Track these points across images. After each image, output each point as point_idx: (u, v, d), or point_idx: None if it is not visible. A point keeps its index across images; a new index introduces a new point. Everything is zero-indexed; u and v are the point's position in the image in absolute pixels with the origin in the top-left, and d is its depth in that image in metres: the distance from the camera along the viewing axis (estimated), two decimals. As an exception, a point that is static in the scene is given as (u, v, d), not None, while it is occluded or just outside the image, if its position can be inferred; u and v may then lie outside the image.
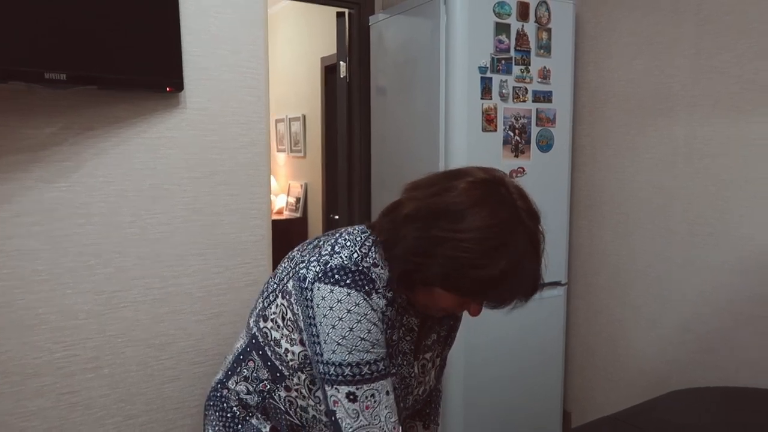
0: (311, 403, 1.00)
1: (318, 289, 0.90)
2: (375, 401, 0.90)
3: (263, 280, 1.71)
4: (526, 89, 2.35)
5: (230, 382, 1.08)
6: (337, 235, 1.01)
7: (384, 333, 0.94)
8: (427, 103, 2.34)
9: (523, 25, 2.31)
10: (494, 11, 2.24)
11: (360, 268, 0.92)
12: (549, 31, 2.37)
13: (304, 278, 0.92)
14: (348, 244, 0.96)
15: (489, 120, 2.28)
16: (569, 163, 2.51)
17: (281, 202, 4.83)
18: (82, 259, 1.47)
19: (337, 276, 0.90)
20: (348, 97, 2.87)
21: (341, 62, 2.84)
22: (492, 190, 0.90)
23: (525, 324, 2.43)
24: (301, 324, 0.94)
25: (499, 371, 2.41)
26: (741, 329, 2.01)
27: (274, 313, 0.99)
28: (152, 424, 1.58)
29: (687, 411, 1.59)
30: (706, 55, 2.05)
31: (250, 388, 1.04)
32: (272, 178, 4.97)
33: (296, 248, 1.09)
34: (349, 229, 1.02)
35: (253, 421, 1.05)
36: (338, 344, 0.89)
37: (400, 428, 0.95)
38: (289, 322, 0.97)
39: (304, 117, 4.45)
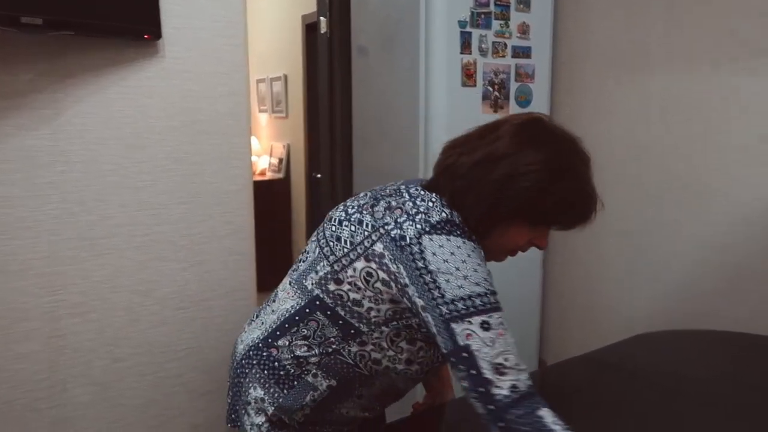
0: (389, 354, 1.07)
1: (430, 241, 0.95)
2: (504, 329, 0.94)
3: (245, 229, 1.75)
4: (505, 44, 2.37)
5: (280, 341, 1.10)
6: (404, 190, 1.06)
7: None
8: (407, 59, 2.35)
9: (502, -21, 2.31)
10: (474, -36, 2.24)
11: (459, 222, 0.99)
12: (529, -15, 2.38)
13: (403, 237, 0.97)
14: (430, 203, 1.01)
15: (468, 75, 2.30)
16: (547, 119, 2.55)
17: (264, 163, 4.83)
18: (65, 206, 1.49)
19: (447, 227, 0.96)
20: (329, 54, 2.87)
21: (322, 18, 2.82)
22: (537, 127, 1.02)
23: (503, 278, 2.49)
24: (405, 279, 0.96)
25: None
26: (708, 278, 2.09)
27: (353, 276, 1.02)
28: (139, 367, 1.63)
29: (652, 350, 1.68)
30: (681, 9, 2.08)
31: (313, 347, 1.08)
32: (255, 139, 4.95)
33: (351, 207, 1.10)
34: (411, 190, 1.06)
35: (309, 378, 1.08)
36: (465, 279, 0.94)
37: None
38: (378, 284, 1.00)
39: (285, 77, 4.42)
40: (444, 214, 0.98)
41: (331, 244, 1.08)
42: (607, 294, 2.47)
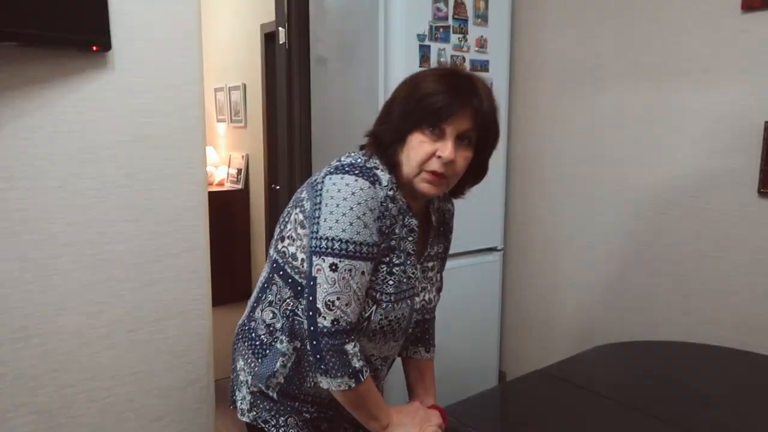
0: None
1: (330, 179, 1.06)
2: (351, 275, 1.05)
3: (200, 246, 1.70)
4: (463, 58, 2.38)
5: (256, 312, 1.20)
6: (341, 156, 1.18)
7: (380, 222, 1.08)
8: (366, 71, 2.34)
9: (461, -6, 2.33)
10: (432, -21, 2.25)
11: (366, 165, 1.09)
12: (486, 0, 2.40)
13: (316, 180, 1.10)
14: (351, 154, 1.13)
15: (428, 88, 2.30)
16: (506, 132, 2.58)
17: (222, 173, 4.74)
18: (6, 225, 1.42)
19: (347, 168, 1.07)
20: (288, 65, 2.83)
21: (280, 28, 2.79)
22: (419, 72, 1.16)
23: (463, 289, 2.50)
24: (308, 213, 1.09)
25: (437, 335, 2.48)
26: (660, 287, 2.14)
27: (290, 229, 1.14)
28: (88, 393, 1.56)
29: (608, 363, 1.70)
30: (630, 27, 2.14)
31: (276, 311, 1.17)
32: (212, 149, 4.86)
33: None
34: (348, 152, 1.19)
35: (278, 345, 1.16)
36: (336, 221, 1.04)
37: (359, 309, 1.09)
38: (299, 228, 1.11)
39: (244, 86, 4.35)
40: (354, 160, 1.10)
41: (285, 209, 1.19)
42: (564, 304, 2.50)
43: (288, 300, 1.15)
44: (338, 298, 1.04)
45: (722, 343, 1.94)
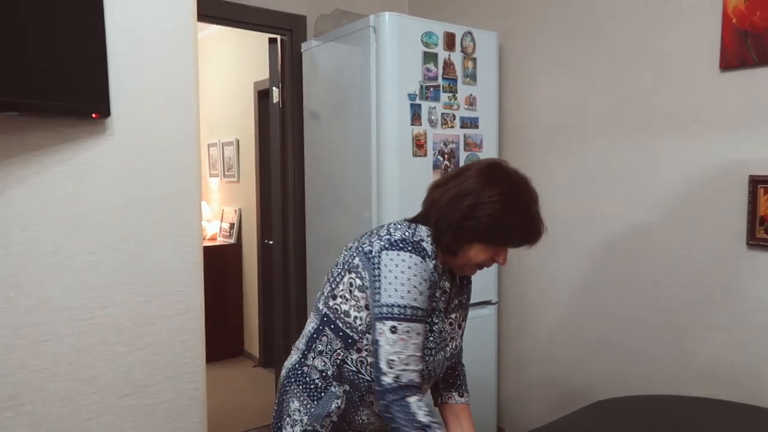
0: None
1: (386, 255, 1.22)
2: (408, 336, 1.19)
3: (195, 308, 1.69)
4: (454, 115, 2.44)
5: (308, 359, 1.33)
6: (387, 224, 1.32)
7: (429, 290, 1.24)
8: (359, 128, 2.39)
9: (449, 55, 2.41)
10: (422, 41, 2.33)
11: (415, 240, 1.24)
12: (474, 60, 2.49)
13: (370, 251, 1.24)
14: (399, 227, 1.28)
15: (419, 145, 2.35)
16: (496, 186, 2.62)
17: (214, 228, 4.74)
18: (0, 291, 1.41)
19: (401, 245, 1.22)
20: (281, 122, 2.88)
21: (274, 88, 2.85)
22: (496, 169, 1.28)
23: (458, 343, 2.48)
24: (368, 282, 1.23)
25: (435, 390, 2.45)
26: (654, 340, 2.14)
27: (342, 289, 1.28)
28: (77, 462, 1.52)
29: (608, 419, 1.68)
30: (616, 86, 2.21)
31: (326, 360, 1.30)
32: (205, 203, 4.88)
33: (350, 242, 1.37)
34: (392, 222, 1.33)
35: (332, 389, 1.30)
36: (395, 290, 1.19)
37: (421, 366, 1.22)
38: (356, 291, 1.26)
39: (237, 141, 4.41)
40: (405, 235, 1.25)
41: (333, 268, 1.34)
42: (560, 356, 2.49)
43: (338, 351, 1.29)
44: (398, 357, 1.17)
45: (718, 396, 1.93)
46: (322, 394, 1.30)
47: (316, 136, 2.72)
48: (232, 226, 4.52)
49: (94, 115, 1.46)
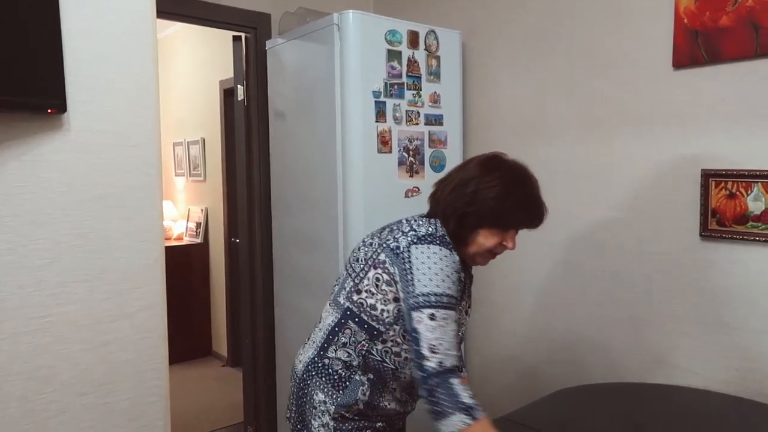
0: (404, 347, 1.35)
1: (415, 249, 1.27)
2: (446, 322, 1.22)
3: (157, 305, 1.68)
4: (418, 113, 2.47)
5: (329, 351, 1.38)
6: (404, 221, 1.39)
7: (459, 281, 1.29)
8: (324, 126, 2.40)
9: (413, 53, 2.43)
10: (386, 39, 2.35)
11: (441, 234, 1.31)
12: (438, 58, 2.51)
13: (397, 247, 1.30)
14: (421, 223, 1.35)
15: (384, 142, 2.37)
16: (461, 183, 2.65)
17: (181, 227, 4.69)
18: (-48, 290, 1.38)
19: (429, 239, 1.29)
20: (246, 120, 2.87)
21: (239, 86, 2.84)
22: (496, 158, 1.38)
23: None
24: (398, 278, 1.28)
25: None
26: (616, 331, 2.20)
27: (368, 284, 1.33)
28: (35, 463, 1.49)
29: (571, 407, 1.72)
30: (575, 84, 2.27)
31: (350, 351, 1.36)
32: (171, 203, 4.82)
33: (366, 239, 1.45)
34: (411, 217, 1.40)
35: (356, 377, 1.35)
36: (430, 279, 1.23)
37: (459, 351, 1.26)
38: (384, 285, 1.31)
39: (203, 140, 4.37)
40: (429, 230, 1.31)
41: (353, 264, 1.41)
42: (526, 350, 2.53)
43: (363, 342, 1.35)
44: (440, 343, 1.20)
45: (676, 382, 1.99)
46: (347, 383, 1.35)
47: (282, 133, 2.72)
48: (198, 225, 4.48)
49: (49, 111, 1.44)
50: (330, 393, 1.35)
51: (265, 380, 2.91)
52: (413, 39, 2.43)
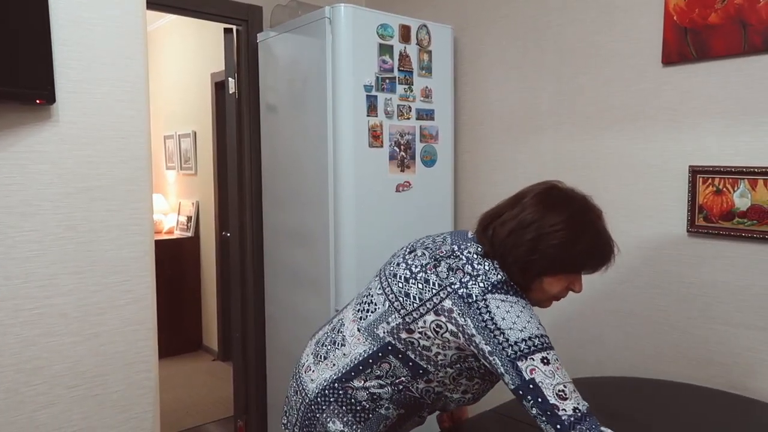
0: (450, 387, 1.28)
1: (493, 300, 1.15)
2: (560, 363, 1.12)
3: (146, 297, 1.67)
4: (409, 107, 2.47)
5: (355, 381, 1.26)
6: (461, 254, 1.24)
7: None
8: (315, 119, 2.39)
9: (405, 47, 2.43)
10: (377, 33, 2.35)
11: (507, 280, 1.19)
12: (430, 53, 2.52)
13: (470, 295, 1.16)
14: (486, 265, 1.20)
15: (375, 136, 2.37)
16: (452, 178, 2.66)
17: (171, 221, 4.67)
18: (-61, 281, 1.37)
19: (504, 287, 1.17)
20: (238, 113, 2.86)
21: (230, 78, 2.83)
22: (554, 194, 1.25)
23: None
24: (472, 330, 1.15)
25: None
26: (604, 326, 2.22)
27: (423, 327, 1.20)
28: (23, 455, 1.49)
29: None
30: (566, 79, 2.28)
31: (385, 384, 1.25)
32: (162, 196, 4.80)
33: (408, 257, 1.30)
34: (465, 253, 1.24)
35: (382, 410, 1.26)
36: (524, 326, 1.12)
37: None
38: (447, 335, 1.18)
39: (194, 133, 4.36)
40: (500, 276, 1.18)
41: (401, 299, 1.24)
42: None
43: (403, 378, 1.25)
44: (565, 386, 1.09)
45: (663, 377, 2.02)
46: (370, 415, 1.26)
47: (273, 127, 2.71)
48: (189, 219, 4.47)
49: (38, 101, 1.43)
50: (350, 423, 1.26)
51: (256, 374, 2.91)
52: (405, 33, 2.43)
